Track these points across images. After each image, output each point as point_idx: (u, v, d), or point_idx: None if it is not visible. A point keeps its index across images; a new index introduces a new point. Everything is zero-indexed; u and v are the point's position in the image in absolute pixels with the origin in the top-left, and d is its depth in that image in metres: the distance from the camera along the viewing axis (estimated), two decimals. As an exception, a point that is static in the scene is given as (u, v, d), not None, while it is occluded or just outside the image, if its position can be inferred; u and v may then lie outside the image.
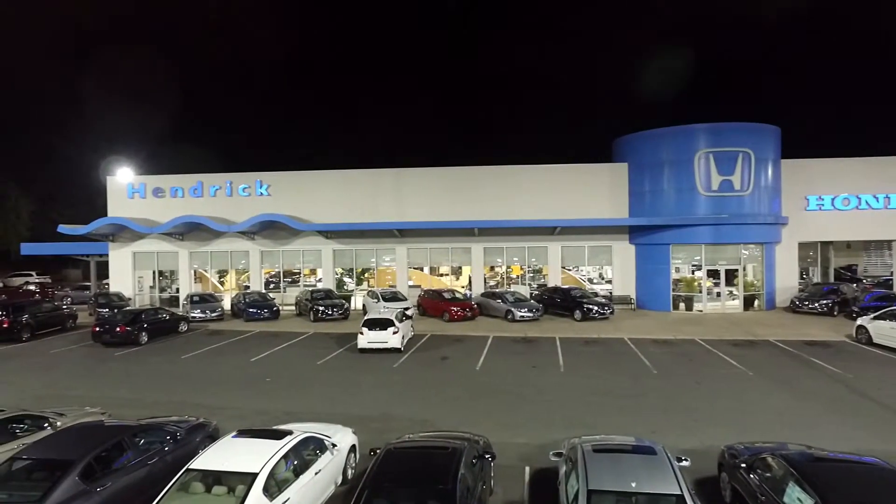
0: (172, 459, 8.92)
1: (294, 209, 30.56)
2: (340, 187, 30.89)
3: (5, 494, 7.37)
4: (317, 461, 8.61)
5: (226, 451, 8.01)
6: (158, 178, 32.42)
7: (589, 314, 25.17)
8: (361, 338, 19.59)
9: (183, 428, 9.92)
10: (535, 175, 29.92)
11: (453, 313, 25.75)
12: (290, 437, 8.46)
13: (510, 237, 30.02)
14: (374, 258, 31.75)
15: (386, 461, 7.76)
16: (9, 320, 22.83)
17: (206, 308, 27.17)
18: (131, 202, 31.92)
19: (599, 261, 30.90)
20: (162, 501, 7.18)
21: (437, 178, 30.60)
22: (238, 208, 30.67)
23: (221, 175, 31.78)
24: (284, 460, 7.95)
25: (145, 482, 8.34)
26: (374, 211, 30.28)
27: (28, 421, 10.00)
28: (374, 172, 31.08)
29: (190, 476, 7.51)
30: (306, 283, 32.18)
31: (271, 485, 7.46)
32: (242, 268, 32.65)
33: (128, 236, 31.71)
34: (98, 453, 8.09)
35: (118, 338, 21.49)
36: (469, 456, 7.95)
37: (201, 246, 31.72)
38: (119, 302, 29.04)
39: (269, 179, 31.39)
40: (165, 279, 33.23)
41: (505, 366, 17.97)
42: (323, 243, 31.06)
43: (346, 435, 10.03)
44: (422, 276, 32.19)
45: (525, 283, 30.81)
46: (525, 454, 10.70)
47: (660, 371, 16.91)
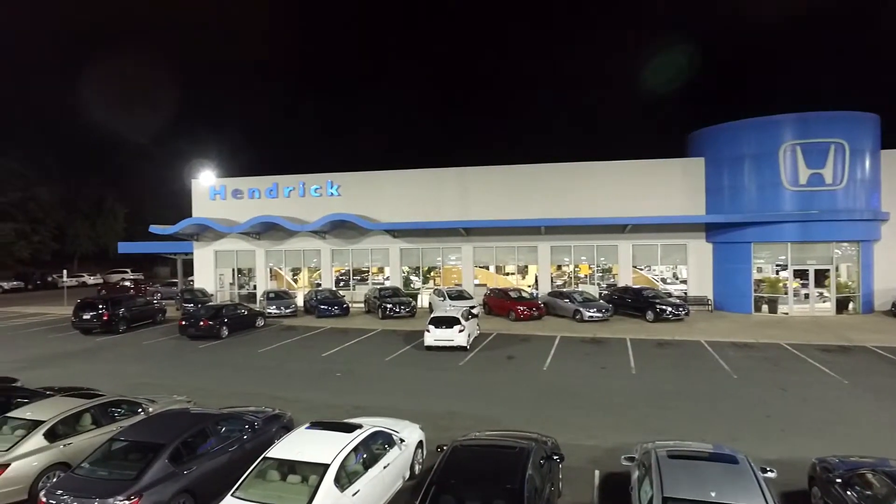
0: (251, 447, 9.36)
1: (363, 209, 31.33)
2: (407, 187, 31.35)
3: (106, 471, 8.02)
4: (385, 455, 8.76)
5: (300, 441, 8.30)
6: (237, 181, 34.22)
7: (662, 315, 24.17)
8: (428, 335, 19.78)
9: (260, 418, 10.39)
10: (603, 171, 29.09)
11: (519, 312, 25.50)
12: (360, 430, 8.65)
13: (578, 235, 29.35)
14: (440, 257, 31.99)
15: (453, 458, 7.77)
16: (108, 314, 24.84)
17: (280, 304, 28.38)
18: (213, 203, 33.89)
19: (673, 260, 29.61)
20: (241, 487, 7.54)
21: (501, 177, 30.40)
22: (310, 208, 31.81)
23: (295, 176, 33.09)
24: (354, 453, 8.14)
25: (226, 468, 8.80)
26: (439, 210, 30.51)
27: (125, 406, 10.82)
28: (439, 172, 31.31)
29: (267, 464, 7.84)
30: (374, 281, 32.90)
31: (342, 476, 7.66)
32: (314, 266, 33.85)
33: (210, 236, 33.68)
34: (185, 438, 8.63)
35: (202, 331, 22.87)
36: (537, 456, 7.82)
37: (276, 245, 33.17)
38: (202, 298, 30.93)
39: (339, 180, 32.35)
40: (244, 276, 35.00)
41: (573, 366, 17.59)
42: (390, 242, 31.64)
43: (414, 431, 10.15)
44: (487, 275, 32.11)
45: (594, 283, 30.02)
46: (594, 457, 10.41)
47: (740, 376, 15.97)
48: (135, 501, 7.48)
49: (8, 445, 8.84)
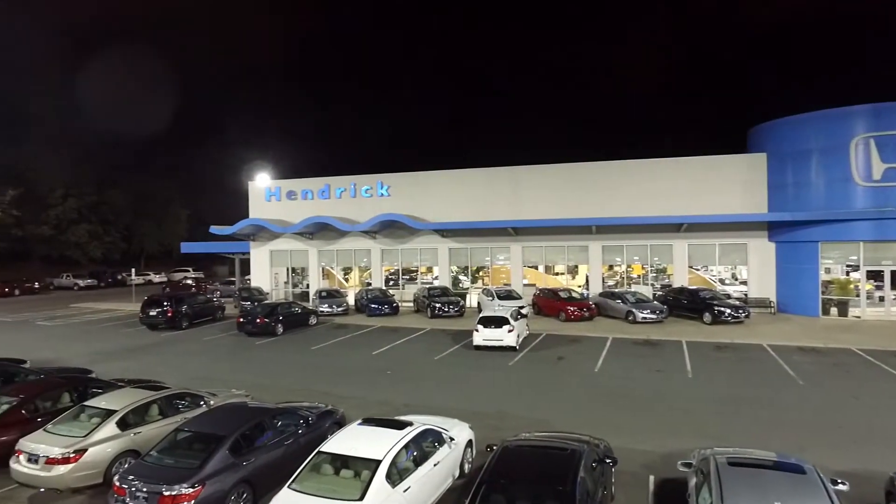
0: (305, 441, 9.62)
1: (412, 209, 31.63)
2: (456, 186, 31.42)
3: (172, 460, 8.44)
4: (435, 453, 8.82)
5: (352, 437, 8.47)
6: (291, 182, 35.26)
7: (720, 317, 23.23)
8: (477, 335, 19.76)
9: (314, 413, 10.67)
10: (657, 169, 28.24)
11: (570, 313, 25.10)
12: (411, 428, 8.74)
13: (630, 235, 28.60)
14: (489, 256, 31.90)
15: (503, 458, 7.74)
16: (172, 310, 26.11)
17: (332, 303, 29.04)
18: (268, 205, 35.04)
19: (732, 260, 28.41)
20: (297, 479, 7.76)
21: (552, 176, 30.01)
22: (361, 209, 32.39)
23: (346, 177, 33.77)
24: (405, 450, 8.24)
25: (282, 460, 9.07)
26: (489, 209, 30.41)
27: (188, 398, 11.34)
28: (489, 171, 31.21)
29: (321, 458, 8.04)
30: (423, 281, 33.14)
31: (393, 472, 7.76)
32: (364, 265, 34.45)
33: (266, 236, 34.84)
34: (244, 431, 8.96)
35: (258, 328, 23.70)
36: (589, 459, 7.68)
37: (328, 245, 33.96)
38: (259, 296, 32.05)
39: (389, 181, 32.78)
40: (297, 275, 36.02)
41: (625, 368, 17.17)
42: (439, 242, 31.81)
43: (463, 429, 10.17)
44: (537, 275, 31.77)
45: (647, 283, 29.19)
46: (648, 462, 10.13)
47: (807, 382, 15.15)
48: (198, 489, 7.83)
49: (85, 432, 9.43)
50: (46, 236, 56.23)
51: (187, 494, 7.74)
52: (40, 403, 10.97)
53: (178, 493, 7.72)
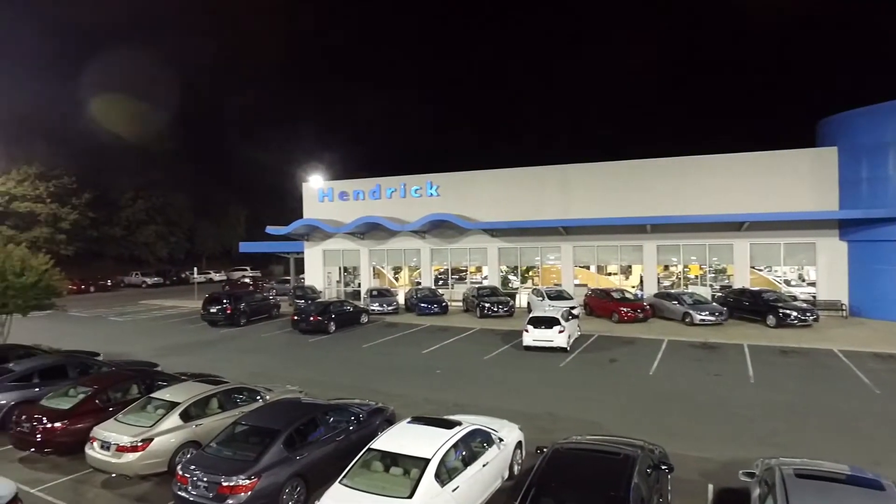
0: (356, 438, 9.77)
1: (461, 208, 31.65)
2: (505, 186, 31.22)
3: (230, 452, 8.76)
4: (484, 453, 8.76)
5: (402, 435, 8.53)
6: (343, 183, 36.00)
7: (785, 320, 22.03)
8: (526, 335, 19.56)
9: (365, 410, 10.83)
10: (716, 165, 27.08)
11: (623, 314, 24.46)
12: (460, 427, 8.72)
13: (687, 234, 27.55)
14: (539, 256, 31.52)
15: (553, 461, 7.60)
16: (231, 308, 27.18)
17: (383, 302, 29.44)
18: (322, 205, 35.92)
19: (799, 260, 26.91)
20: (348, 475, 7.88)
21: (604, 173, 29.34)
22: (410, 208, 32.69)
23: (396, 178, 34.17)
24: (454, 449, 8.22)
25: (333, 456, 9.24)
26: (538, 209, 30.04)
27: (245, 393, 11.75)
28: (539, 170, 30.84)
29: (371, 455, 8.14)
30: (473, 280, 33.10)
31: (442, 471, 7.77)
32: (414, 265, 34.76)
33: (319, 236, 35.72)
34: (297, 426, 9.19)
35: (311, 326, 24.31)
36: (644, 464, 7.43)
37: (379, 244, 34.47)
38: (312, 294, 32.91)
39: (438, 181, 32.93)
40: (349, 275, 36.74)
41: (682, 372, 16.56)
42: (488, 241, 31.69)
43: (513, 430, 10.06)
44: (588, 275, 31.14)
45: (705, 284, 28.06)
46: (707, 470, 9.72)
47: (884, 391, 14.14)
48: (254, 481, 8.09)
49: (151, 423, 9.94)
50: (118, 237, 59.85)
51: (244, 486, 8.02)
52: (112, 394, 11.63)
53: (236, 484, 8.01)
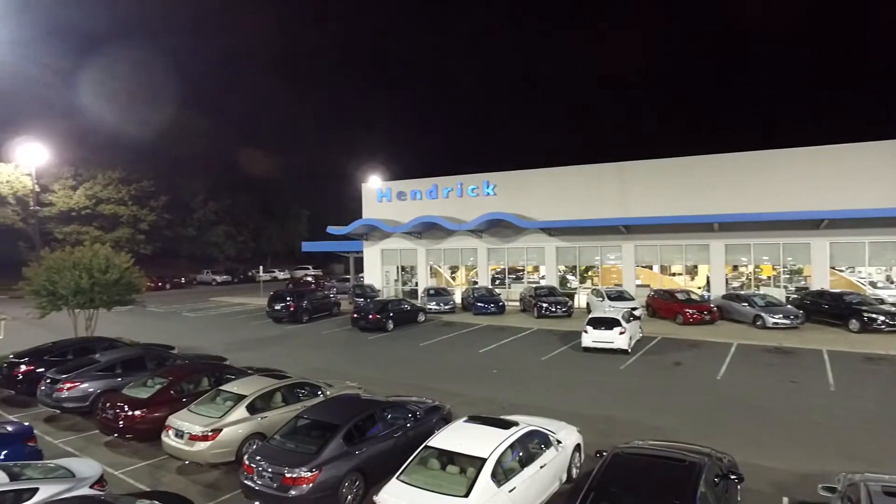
0: (413, 435, 9.87)
1: (518, 207, 31.38)
2: (563, 184, 30.70)
3: (293, 444, 9.05)
4: (542, 455, 8.63)
5: (458, 434, 8.53)
6: (401, 183, 36.50)
7: (871, 325, 20.46)
8: (586, 336, 19.14)
9: (422, 408, 10.91)
10: (790, 160, 25.52)
11: (688, 316, 23.49)
12: (517, 428, 8.63)
13: (759, 232, 26.08)
14: (599, 256, 30.77)
15: (614, 465, 7.38)
16: (294, 305, 28.14)
17: (440, 301, 29.63)
18: (380, 205, 36.57)
19: (887, 260, 24.92)
20: (405, 471, 7.96)
21: (667, 170, 28.29)
22: (467, 208, 32.72)
23: (453, 177, 34.30)
24: (511, 450, 8.15)
25: (391, 452, 9.36)
26: (598, 207, 29.33)
27: (307, 388, 12.11)
28: (598, 167, 30.14)
29: (428, 452, 8.18)
30: (530, 280, 32.75)
31: (498, 472, 7.71)
32: (471, 264, 34.77)
33: (377, 235, 36.39)
34: (356, 421, 9.38)
35: (370, 324, 24.79)
36: (711, 473, 7.09)
37: (436, 244, 34.71)
38: (371, 293, 33.57)
39: (495, 179, 32.80)
40: (407, 273, 37.21)
41: (753, 378, 15.72)
42: (546, 241, 31.25)
43: (571, 433, 9.87)
44: (651, 275, 30.11)
45: (779, 285, 26.50)
46: (780, 482, 9.16)
47: (985, 404, 12.88)
48: (315, 474, 8.32)
49: (220, 414, 10.42)
50: (191, 237, 63.30)
51: (306, 478, 8.26)
52: (185, 386, 12.27)
53: (298, 476, 8.26)
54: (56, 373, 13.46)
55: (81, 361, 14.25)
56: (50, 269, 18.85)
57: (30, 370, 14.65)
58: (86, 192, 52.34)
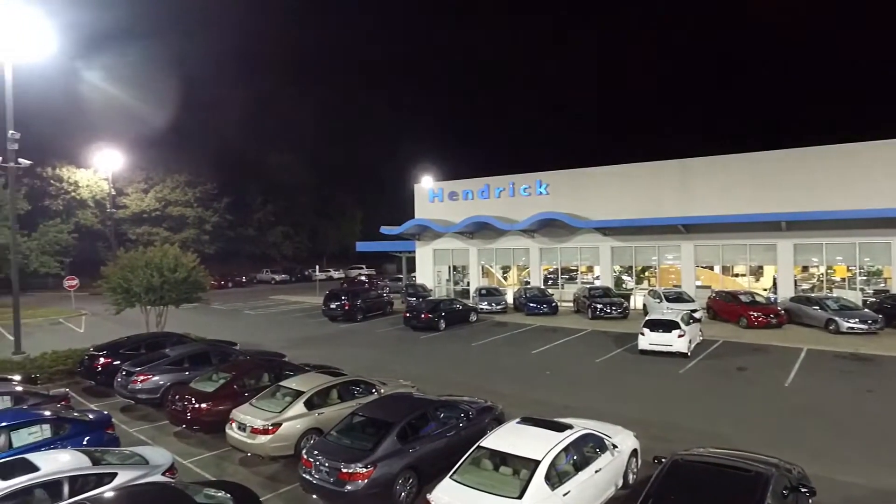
0: (465, 435, 9.88)
1: (572, 207, 30.88)
2: (619, 183, 29.98)
3: (349, 440, 9.28)
4: (597, 459, 8.47)
5: (511, 435, 8.49)
6: (453, 183, 36.66)
7: (959, 331, 18.90)
8: (642, 339, 18.62)
9: (474, 408, 10.93)
10: (867, 154, 23.87)
11: (753, 319, 22.42)
12: (571, 430, 8.51)
13: (831, 231, 24.50)
14: (656, 256, 29.85)
15: (673, 473, 7.16)
16: (349, 304, 28.77)
17: (492, 301, 29.55)
18: (432, 206, 36.87)
19: (978, 260, 22.93)
20: (458, 471, 8.00)
21: (730, 167, 27.09)
22: (519, 208, 32.48)
23: (505, 177, 34.14)
24: (565, 453, 8.04)
25: (443, 451, 9.43)
26: (655, 206, 28.45)
27: (362, 385, 12.36)
28: (656, 165, 29.24)
29: (480, 453, 8.19)
30: (584, 280, 32.18)
31: (552, 474, 7.62)
32: (523, 264, 34.49)
33: (429, 235, 36.69)
34: (410, 420, 9.51)
35: (422, 323, 25.02)
36: (779, 485, 6.75)
37: (487, 244, 34.64)
38: (423, 292, 33.87)
39: (548, 179, 32.42)
40: (458, 273, 37.33)
41: (825, 386, 14.85)
42: (600, 240, 30.60)
43: (628, 437, 9.63)
44: (712, 276, 28.94)
45: (854, 288, 24.86)
46: (857, 497, 8.63)
47: None
48: (370, 470, 8.49)
49: (280, 409, 10.80)
50: (251, 237, 65.86)
51: (361, 473, 8.44)
52: (247, 381, 12.79)
53: (354, 472, 8.45)
54: (131, 366, 14.35)
55: (153, 355, 15.12)
56: (124, 267, 20.09)
57: (108, 363, 15.68)
58: (156, 194, 55.44)
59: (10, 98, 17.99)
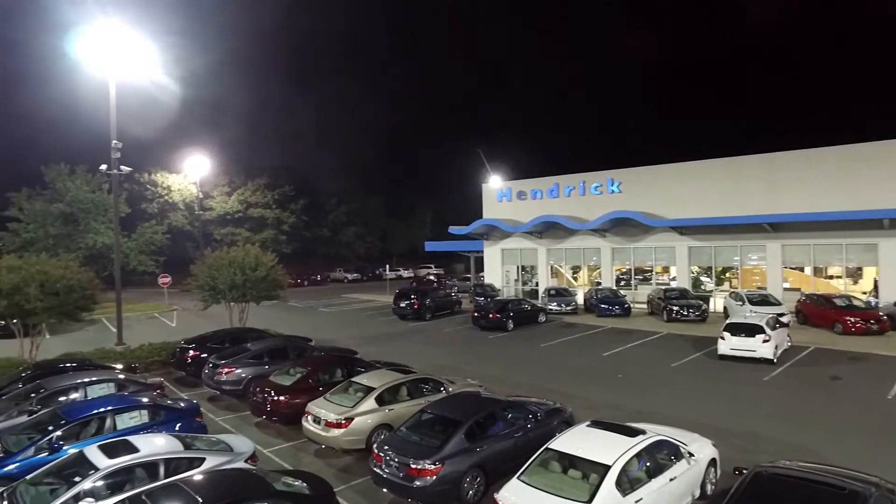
0: (533, 436, 9.80)
1: (645, 205, 29.79)
2: (696, 180, 28.60)
3: (417, 437, 9.45)
4: (672, 467, 8.16)
5: (581, 438, 8.35)
6: (521, 183, 36.36)
7: None
8: (723, 343, 17.69)
9: (542, 410, 10.81)
10: None
11: (849, 324, 20.72)
12: (644, 436, 8.25)
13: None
14: (738, 256, 28.21)
15: (755, 485, 6.75)
16: (418, 303, 29.24)
17: (561, 301, 29.06)
18: (500, 205, 36.73)
19: None
20: (525, 472, 7.96)
21: (824, 161, 25.10)
22: (590, 207, 31.72)
23: (575, 176, 33.46)
24: (637, 459, 7.81)
25: (511, 452, 9.39)
26: (737, 203, 26.87)
27: (431, 383, 12.53)
28: (738, 160, 27.62)
29: (549, 455, 8.10)
30: (659, 281, 30.96)
31: (623, 480, 7.42)
32: (594, 264, 33.65)
33: (497, 235, 36.58)
34: (478, 419, 9.55)
35: (490, 323, 25.01)
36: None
37: (557, 243, 34.08)
38: (491, 292, 33.83)
39: (620, 177, 31.46)
40: (527, 273, 36.97)
41: (935, 400, 13.47)
42: (677, 240, 29.31)
43: (705, 446, 9.19)
44: (801, 278, 26.97)
45: (970, 291, 22.36)
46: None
47: None
48: (438, 467, 8.62)
49: (352, 404, 11.18)
50: (325, 237, 68.35)
51: (429, 470, 8.58)
52: (321, 375, 13.31)
53: (423, 468, 8.61)
54: (216, 358, 15.32)
55: (236, 349, 16.06)
56: (211, 266, 21.44)
57: (196, 355, 16.82)
58: (238, 197, 58.68)
59: (114, 113, 19.72)
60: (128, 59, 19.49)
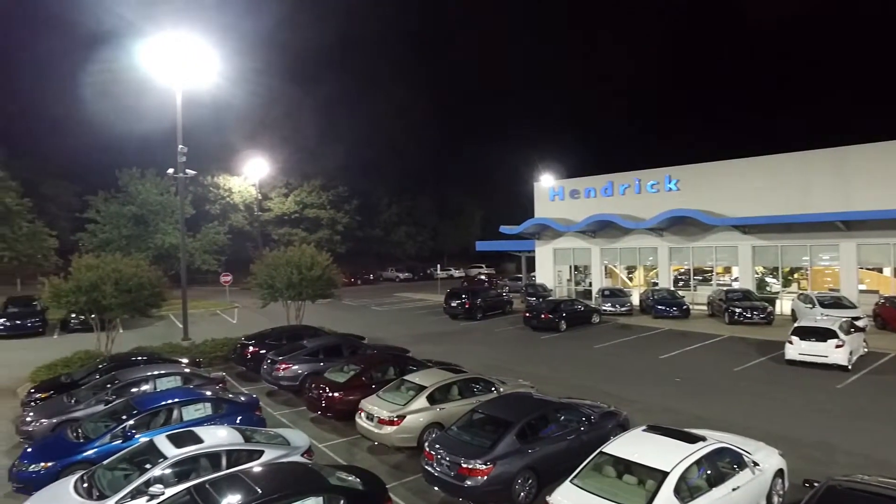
0: (587, 439, 9.62)
1: (705, 203, 28.66)
2: (759, 176, 27.28)
3: (468, 436, 9.45)
4: (734, 476, 7.80)
5: (637, 443, 8.12)
6: (574, 181, 35.73)
7: None
8: (790, 347, 16.79)
9: (596, 412, 10.59)
10: None
11: (933, 330, 19.20)
12: (704, 443, 7.93)
13: None
14: (808, 256, 26.69)
15: (828, 500, 6.37)
16: (469, 303, 29.25)
17: (615, 302, 28.38)
18: (552, 204, 36.22)
19: None
20: (579, 475, 7.80)
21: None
22: (646, 205, 30.81)
23: (630, 173, 32.58)
24: (697, 466, 7.51)
25: (563, 454, 9.25)
26: (803, 200, 25.45)
27: (482, 383, 12.51)
28: (806, 155, 26.15)
29: (603, 459, 7.92)
30: (719, 282, 29.73)
31: (682, 488, 7.16)
32: (650, 264, 32.66)
33: (549, 234, 36.09)
34: (529, 420, 9.46)
35: (542, 323, 24.71)
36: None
37: (611, 243, 33.28)
38: (543, 292, 33.42)
39: (677, 174, 30.41)
40: (580, 273, 36.30)
41: None
42: (739, 239, 28.03)
43: (772, 455, 8.74)
44: (880, 279, 25.22)
45: None
46: None
47: None
48: (490, 467, 8.58)
49: (404, 402, 11.31)
50: (377, 237, 69.50)
51: (481, 470, 8.57)
52: (374, 373, 13.53)
53: (474, 468, 8.60)
54: (274, 355, 15.85)
55: (293, 346, 16.57)
56: (269, 265, 22.21)
57: (255, 351, 17.47)
58: (295, 198, 60.50)
59: (181, 119, 20.75)
60: (193, 68, 20.44)
